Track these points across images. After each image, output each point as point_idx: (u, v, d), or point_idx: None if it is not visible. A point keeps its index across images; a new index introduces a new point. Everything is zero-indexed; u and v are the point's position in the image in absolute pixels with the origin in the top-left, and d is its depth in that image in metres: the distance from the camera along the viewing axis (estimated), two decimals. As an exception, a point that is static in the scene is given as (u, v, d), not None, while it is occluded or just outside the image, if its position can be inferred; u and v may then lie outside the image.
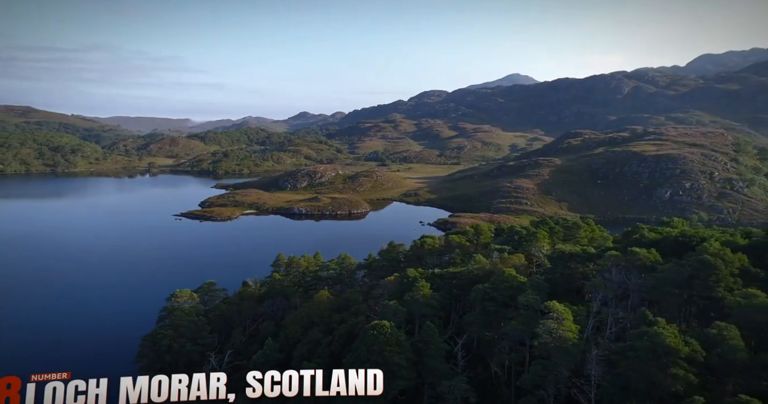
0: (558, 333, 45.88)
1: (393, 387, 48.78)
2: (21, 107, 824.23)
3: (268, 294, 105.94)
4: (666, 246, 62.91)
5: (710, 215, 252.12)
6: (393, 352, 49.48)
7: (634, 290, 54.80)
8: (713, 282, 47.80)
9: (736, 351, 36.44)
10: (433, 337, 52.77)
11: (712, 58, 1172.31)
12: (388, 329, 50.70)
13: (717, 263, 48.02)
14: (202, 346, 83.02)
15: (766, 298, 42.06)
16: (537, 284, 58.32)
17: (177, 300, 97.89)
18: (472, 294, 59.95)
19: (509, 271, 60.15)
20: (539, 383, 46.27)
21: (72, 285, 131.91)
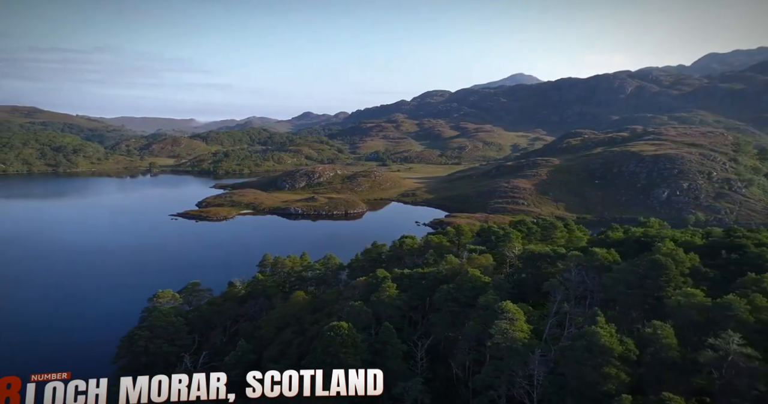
0: (509, 334, 45.96)
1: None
2: (26, 108, 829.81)
3: (251, 295, 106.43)
4: (629, 246, 62.86)
5: (707, 216, 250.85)
6: (348, 353, 49.57)
7: (593, 290, 54.81)
8: (663, 282, 47.76)
9: (668, 350, 36.44)
10: (391, 338, 52.87)
11: (718, 57, 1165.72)
12: (345, 330, 50.84)
13: (668, 263, 47.95)
14: (179, 347, 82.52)
15: (705, 297, 41.98)
16: (499, 285, 58.38)
17: (159, 301, 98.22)
18: (436, 295, 60.06)
19: (473, 271, 60.20)
20: (490, 384, 46.34)
21: (59, 285, 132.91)
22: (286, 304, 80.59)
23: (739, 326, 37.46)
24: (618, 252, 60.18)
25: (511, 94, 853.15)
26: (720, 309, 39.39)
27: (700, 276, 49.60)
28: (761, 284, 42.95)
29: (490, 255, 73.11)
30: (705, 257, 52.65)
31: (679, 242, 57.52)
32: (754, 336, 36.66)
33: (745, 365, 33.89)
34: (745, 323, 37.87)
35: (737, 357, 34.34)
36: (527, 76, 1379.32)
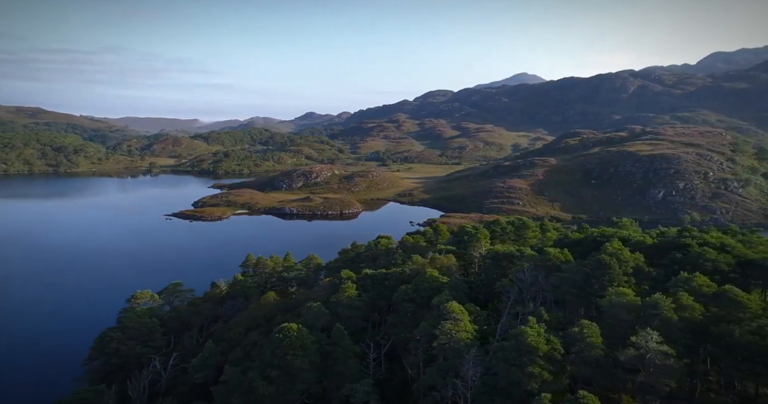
0: (453, 334, 46.20)
1: (294, 390, 48.90)
2: (31, 108, 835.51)
3: (230, 295, 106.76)
4: (586, 246, 63.01)
5: (703, 216, 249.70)
6: (296, 355, 49.63)
7: (545, 290, 55.03)
8: (607, 282, 47.98)
9: (591, 348, 36.72)
10: (342, 340, 52.99)
11: (723, 56, 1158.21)
12: (295, 332, 50.98)
13: (612, 263, 48.22)
14: (152, 348, 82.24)
15: (635, 297, 42.21)
16: (456, 285, 58.70)
17: (137, 302, 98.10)
18: (395, 295, 60.35)
19: (432, 272, 60.52)
20: (434, 384, 46.57)
21: (46, 286, 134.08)
22: (258, 305, 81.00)
23: (663, 324, 37.78)
24: (577, 252, 60.45)
25: (512, 94, 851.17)
26: (647, 308, 39.64)
27: (643, 275, 49.86)
28: (691, 283, 43.14)
29: (453, 256, 73.35)
30: (653, 256, 52.83)
31: (631, 242, 57.64)
32: (676, 334, 36.90)
33: (661, 362, 34.21)
34: (668, 321, 38.12)
35: (654, 354, 34.61)
36: (531, 75, 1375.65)
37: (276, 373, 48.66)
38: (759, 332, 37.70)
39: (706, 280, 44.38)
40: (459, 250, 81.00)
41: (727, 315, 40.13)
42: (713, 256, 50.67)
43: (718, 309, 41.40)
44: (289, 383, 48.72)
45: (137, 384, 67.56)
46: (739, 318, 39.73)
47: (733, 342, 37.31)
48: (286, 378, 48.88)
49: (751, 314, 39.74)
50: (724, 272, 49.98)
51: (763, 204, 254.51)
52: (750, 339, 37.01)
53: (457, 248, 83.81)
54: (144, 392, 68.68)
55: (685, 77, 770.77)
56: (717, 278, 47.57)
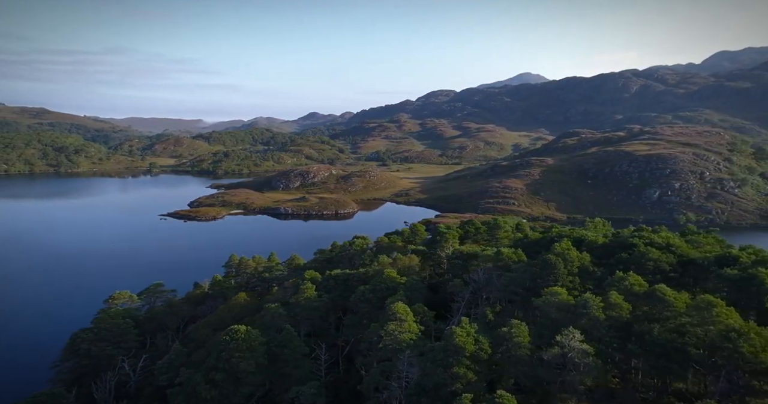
0: (395, 335, 46.42)
1: (238, 393, 48.70)
2: (35, 109, 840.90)
3: (209, 296, 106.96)
4: (543, 246, 63.15)
5: (698, 216, 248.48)
6: (242, 358, 49.45)
7: (499, 290, 55.20)
8: (552, 281, 48.16)
9: (518, 348, 36.95)
10: (290, 341, 53.01)
11: (728, 55, 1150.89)
12: (242, 334, 50.91)
13: (557, 263, 48.38)
14: (125, 350, 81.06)
15: (568, 296, 42.39)
16: (412, 286, 58.92)
17: (114, 302, 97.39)
18: (352, 296, 60.58)
19: (390, 273, 60.76)
20: (376, 386, 46.73)
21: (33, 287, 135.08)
22: (227, 306, 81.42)
23: (590, 323, 37.93)
24: (534, 252, 60.59)
25: (514, 94, 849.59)
26: (578, 307, 39.82)
27: (587, 275, 50.12)
28: (623, 283, 43.33)
29: (415, 256, 73.61)
30: (603, 256, 53.02)
31: (586, 242, 57.80)
32: (602, 332, 37.10)
33: (580, 360, 34.40)
34: (596, 320, 38.31)
35: (575, 353, 34.82)
36: (534, 75, 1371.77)
37: (220, 376, 48.63)
38: (678, 330, 37.87)
39: (639, 279, 44.57)
40: (429, 250, 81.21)
41: (653, 314, 40.32)
42: (656, 255, 50.79)
43: (649, 307, 41.58)
44: (233, 386, 48.75)
45: (102, 386, 67.22)
46: (665, 316, 39.90)
47: (652, 339, 37.50)
48: (230, 380, 48.91)
49: (675, 312, 39.91)
50: (664, 272, 50.11)
51: (759, 204, 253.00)
52: (667, 337, 37.23)
53: (428, 248, 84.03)
54: (110, 394, 68.29)
55: (688, 77, 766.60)
56: (658, 278, 47.69)
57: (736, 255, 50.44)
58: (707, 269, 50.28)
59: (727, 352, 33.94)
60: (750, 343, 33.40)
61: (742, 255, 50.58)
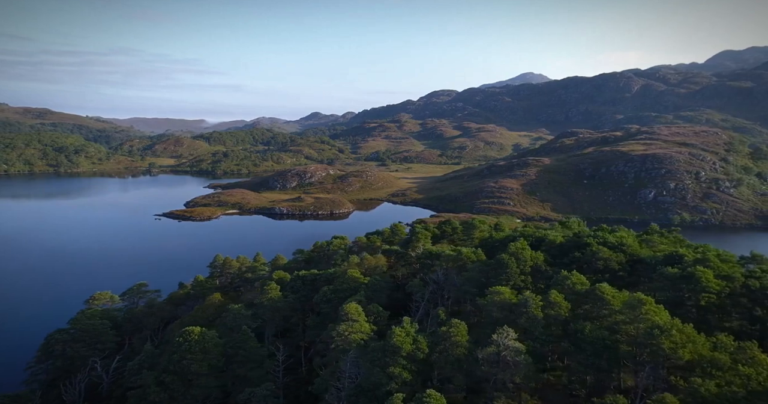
0: (346, 336, 46.69)
1: (188, 396, 48.46)
2: (38, 109, 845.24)
3: (190, 296, 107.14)
4: (505, 245, 63.29)
5: (693, 216, 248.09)
6: (194, 360, 49.26)
7: (455, 289, 55.58)
8: (504, 280, 48.46)
9: (455, 347, 37.27)
10: (245, 343, 52.79)
11: (732, 55, 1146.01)
12: (196, 336, 50.82)
13: (510, 263, 48.65)
14: (100, 351, 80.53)
15: (512, 295, 42.72)
16: (373, 286, 59.27)
17: (95, 303, 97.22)
18: (315, 297, 60.89)
19: (352, 273, 61.10)
20: (326, 387, 46.89)
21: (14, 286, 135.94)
22: (201, 306, 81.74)
23: (529, 321, 38.27)
24: (499, 251, 60.72)
25: (516, 94, 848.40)
26: (518, 306, 40.15)
27: (540, 274, 50.34)
28: (566, 281, 43.64)
29: (383, 256, 73.98)
30: (558, 255, 53.30)
31: (546, 241, 58.09)
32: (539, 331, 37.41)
33: (511, 359, 34.72)
34: (534, 318, 38.64)
35: (508, 351, 35.16)
36: (537, 75, 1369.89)
37: (170, 378, 48.45)
38: (612, 327, 38.17)
39: (581, 278, 44.89)
40: (402, 250, 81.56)
41: (592, 312, 40.63)
42: (606, 255, 51.06)
43: (589, 306, 41.90)
44: (184, 388, 48.51)
45: (71, 388, 66.99)
46: (602, 314, 40.21)
47: (583, 337, 37.79)
48: (181, 383, 48.64)
49: (611, 310, 40.22)
50: (614, 271, 50.38)
51: (754, 204, 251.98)
52: (598, 335, 37.55)
53: (402, 248, 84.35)
54: (80, 396, 67.84)
55: (689, 76, 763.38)
56: (607, 277, 47.98)
57: (682, 254, 50.71)
58: (654, 268, 50.57)
59: (650, 348, 34.35)
60: (671, 339, 33.78)
61: (688, 254, 50.85)
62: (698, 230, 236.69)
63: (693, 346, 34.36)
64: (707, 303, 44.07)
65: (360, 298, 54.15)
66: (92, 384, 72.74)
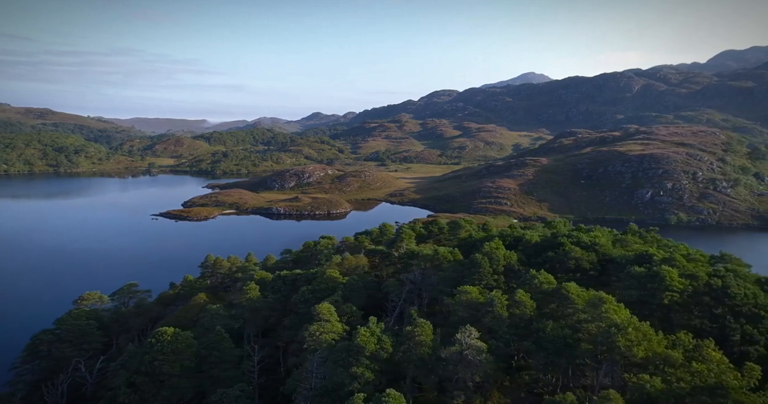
0: (316, 336, 46.87)
1: (159, 397, 48.37)
2: (39, 109, 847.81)
3: (179, 296, 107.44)
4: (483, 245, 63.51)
5: (690, 216, 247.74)
6: (165, 361, 49.14)
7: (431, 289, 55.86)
8: (476, 280, 48.73)
9: (419, 347, 37.53)
10: (219, 344, 52.73)
11: (734, 55, 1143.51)
12: (169, 336, 50.81)
13: (483, 262, 48.91)
14: (86, 351, 80.00)
15: (479, 295, 42.98)
16: (351, 286, 59.53)
17: (83, 303, 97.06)
18: (293, 297, 61.13)
19: (331, 273, 61.38)
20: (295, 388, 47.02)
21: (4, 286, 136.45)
22: (186, 307, 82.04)
23: (494, 320, 38.51)
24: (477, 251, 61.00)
25: (516, 94, 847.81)
26: (485, 305, 40.42)
27: (513, 274, 50.60)
28: (533, 281, 43.92)
29: (364, 256, 74.32)
30: (533, 255, 53.54)
31: (523, 240, 58.35)
32: (503, 330, 37.66)
33: (473, 358, 34.98)
34: (499, 317, 38.90)
35: (470, 350, 35.43)
36: (538, 75, 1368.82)
37: (141, 380, 48.38)
38: (574, 326, 38.41)
39: (549, 277, 45.16)
40: (387, 250, 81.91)
41: (558, 311, 40.87)
42: (578, 254, 51.29)
43: (556, 304, 42.16)
44: (155, 389, 48.39)
45: (54, 389, 66.65)
46: (567, 313, 40.44)
47: (545, 336, 38.04)
48: (152, 384, 48.52)
49: (575, 309, 40.48)
50: (585, 270, 50.63)
51: (751, 205, 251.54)
52: (558, 333, 37.80)
53: (387, 248, 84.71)
54: (62, 397, 67.21)
55: (690, 76, 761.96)
56: (578, 276, 48.22)
57: (652, 254, 50.94)
58: (624, 267, 50.77)
59: (606, 346, 34.62)
60: (627, 337, 34.07)
61: (658, 254, 51.05)
62: (695, 230, 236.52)
63: (648, 344, 34.71)
64: (670, 301, 44.41)
65: (337, 298, 54.41)
66: (76, 384, 72.47)
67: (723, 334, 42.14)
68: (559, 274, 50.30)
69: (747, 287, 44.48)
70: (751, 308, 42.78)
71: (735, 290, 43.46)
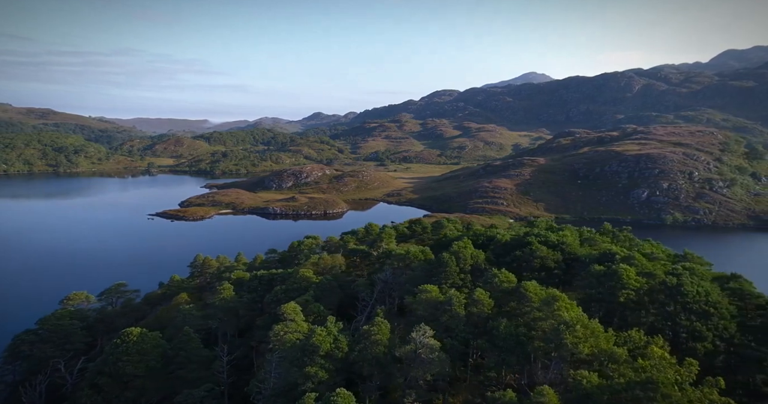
0: (281, 336, 47.01)
1: (122, 398, 48.35)
2: (42, 109, 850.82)
3: (165, 296, 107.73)
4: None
5: (685, 216, 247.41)
6: (129, 361, 49.20)
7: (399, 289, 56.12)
8: (443, 279, 49.01)
9: (375, 346, 37.76)
10: (186, 344, 52.82)
11: (736, 54, 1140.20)
12: (134, 337, 50.90)
13: (449, 262, 49.18)
14: (68, 351, 79.18)
15: (439, 294, 43.25)
16: (323, 286, 59.77)
17: (69, 303, 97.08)
18: (266, 297, 61.36)
19: (304, 272, 61.66)
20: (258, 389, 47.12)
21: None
22: (167, 307, 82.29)
23: (451, 319, 38.78)
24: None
25: (517, 94, 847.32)
26: (443, 304, 40.70)
27: (479, 273, 50.85)
28: (494, 280, 44.19)
29: (340, 256, 74.67)
30: (502, 254, 53.80)
31: (495, 239, 58.66)
32: (460, 328, 37.91)
33: (426, 356, 35.23)
34: (456, 316, 39.16)
35: (424, 349, 35.69)
36: (540, 74, 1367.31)
37: (104, 381, 48.32)
38: (529, 324, 38.67)
39: (509, 276, 45.44)
40: (367, 250, 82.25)
41: (515, 309, 41.15)
42: (543, 253, 51.58)
43: (516, 303, 42.44)
44: (119, 390, 48.34)
45: (32, 390, 66.09)
46: (524, 311, 40.71)
47: (498, 334, 38.30)
48: (116, 385, 48.45)
49: (532, 307, 40.76)
50: (549, 269, 50.92)
51: (747, 205, 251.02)
52: (510, 332, 38.06)
53: (368, 247, 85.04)
54: (40, 397, 66.88)
55: (691, 76, 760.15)
56: (542, 275, 48.47)
57: (615, 252, 51.19)
58: (588, 266, 51.00)
59: (555, 344, 34.85)
60: (574, 335, 34.33)
61: (620, 252, 51.29)
62: (690, 230, 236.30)
63: (595, 341, 34.96)
64: (626, 299, 44.65)
65: (307, 298, 54.65)
66: (56, 385, 72.35)
67: (674, 331, 42.46)
68: (525, 273, 50.58)
69: (700, 285, 44.76)
70: (702, 305, 43.10)
71: (687, 288, 43.74)
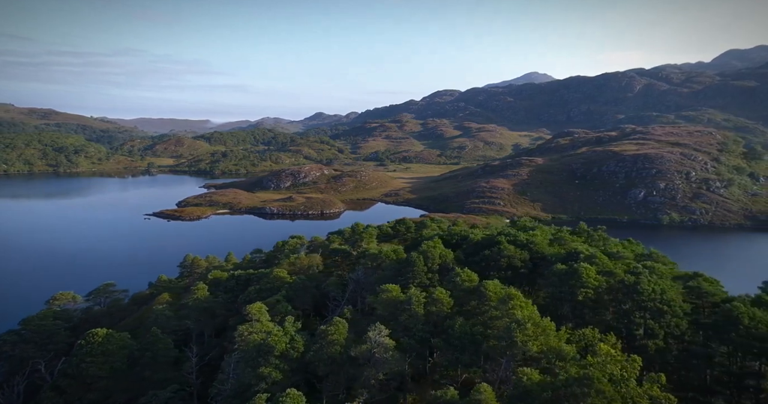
0: (244, 336, 46.89)
1: (85, 401, 48.05)
2: (43, 110, 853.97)
3: (152, 296, 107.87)
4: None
5: (682, 216, 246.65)
6: (94, 363, 48.96)
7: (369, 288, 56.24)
8: (410, 278, 49.11)
9: (331, 346, 37.86)
10: (153, 345, 52.57)
11: (738, 54, 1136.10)
12: (100, 338, 50.71)
13: (417, 261, 49.30)
14: (50, 352, 78.05)
15: (401, 294, 43.34)
16: (296, 286, 59.86)
17: (56, 303, 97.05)
18: (240, 297, 61.42)
19: (279, 272, 61.74)
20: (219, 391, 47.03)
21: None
22: (149, 307, 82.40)
23: (410, 318, 38.87)
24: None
25: (518, 94, 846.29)
26: (403, 303, 40.79)
27: (446, 272, 50.98)
28: (456, 279, 44.30)
29: (318, 256, 74.81)
30: (473, 253, 53.89)
31: (468, 239, 58.72)
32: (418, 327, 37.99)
33: (380, 356, 35.31)
34: (415, 315, 39.25)
35: (378, 348, 35.77)
36: (541, 74, 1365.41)
37: (67, 383, 48.10)
38: (485, 323, 38.74)
39: (471, 275, 45.52)
40: (348, 249, 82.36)
41: (476, 308, 41.23)
42: (510, 252, 51.64)
43: (476, 302, 42.51)
44: (82, 392, 48.05)
45: (9, 390, 65.39)
46: (483, 310, 40.78)
47: (453, 333, 38.39)
48: (79, 387, 48.14)
49: (489, 306, 40.84)
50: (516, 268, 51.00)
51: (744, 205, 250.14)
52: (465, 330, 38.14)
53: (349, 247, 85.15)
54: (18, 397, 65.99)
55: (693, 75, 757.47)
56: (509, 274, 48.55)
57: (580, 251, 51.24)
58: (553, 265, 51.06)
59: (507, 342, 34.89)
60: (525, 333, 34.40)
61: (585, 251, 51.32)
62: (687, 230, 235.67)
63: (545, 339, 35.04)
64: (584, 297, 44.73)
65: (278, 298, 54.72)
66: (37, 386, 72.31)
67: (628, 329, 42.51)
68: (492, 272, 50.68)
69: (657, 283, 44.83)
70: (656, 303, 43.21)
71: (644, 286, 43.80)
